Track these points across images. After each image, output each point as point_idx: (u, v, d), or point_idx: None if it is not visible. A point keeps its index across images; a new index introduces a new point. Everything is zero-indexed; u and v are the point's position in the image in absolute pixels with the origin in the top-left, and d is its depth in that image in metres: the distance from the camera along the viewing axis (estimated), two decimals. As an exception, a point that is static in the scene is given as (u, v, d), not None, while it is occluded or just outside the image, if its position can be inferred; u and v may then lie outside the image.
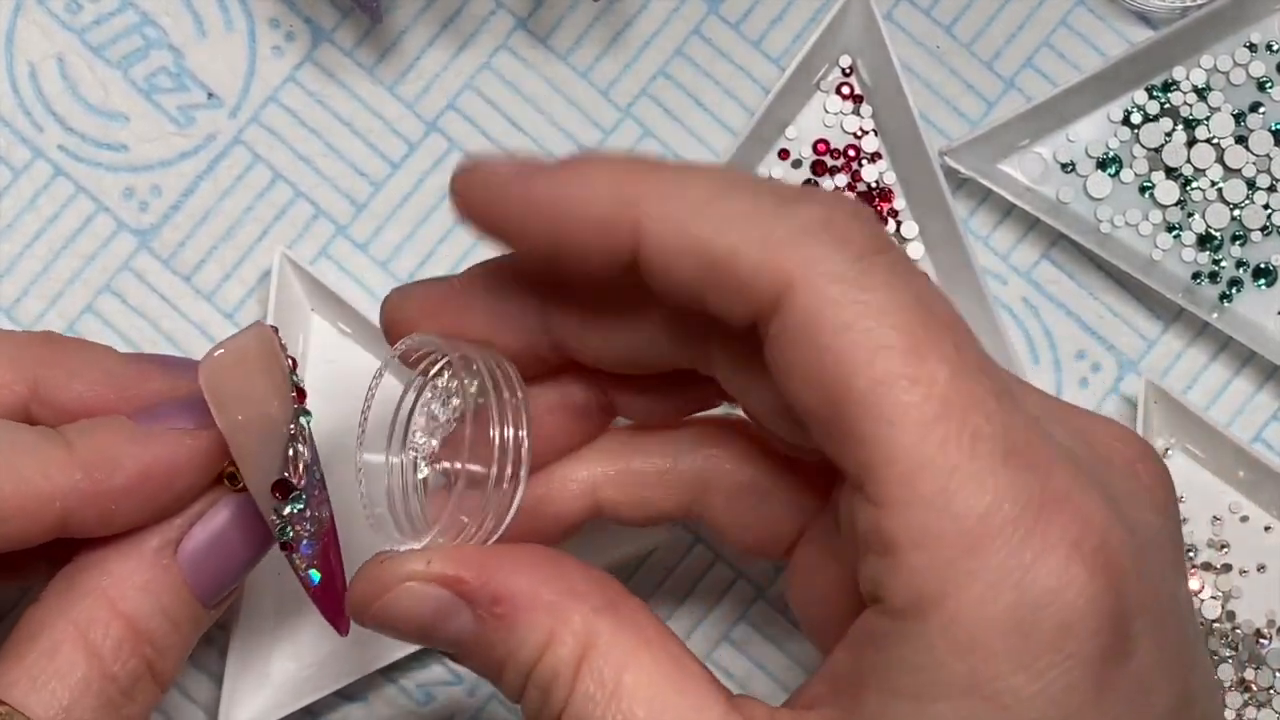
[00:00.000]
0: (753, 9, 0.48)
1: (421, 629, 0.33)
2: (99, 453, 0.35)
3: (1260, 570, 0.47)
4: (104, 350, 0.38)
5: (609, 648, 0.31)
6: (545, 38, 0.48)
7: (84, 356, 0.37)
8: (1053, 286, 0.48)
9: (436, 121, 0.48)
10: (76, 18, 0.47)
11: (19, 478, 0.34)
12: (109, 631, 0.35)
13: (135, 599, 0.35)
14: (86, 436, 0.35)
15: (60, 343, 0.37)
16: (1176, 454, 0.47)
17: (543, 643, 0.32)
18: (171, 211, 0.47)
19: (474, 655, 0.33)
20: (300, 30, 0.48)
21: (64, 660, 0.34)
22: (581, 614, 0.32)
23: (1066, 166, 0.48)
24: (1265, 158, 0.47)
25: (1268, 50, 0.48)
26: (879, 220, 0.30)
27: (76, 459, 0.34)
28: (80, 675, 0.34)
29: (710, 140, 0.48)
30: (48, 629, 0.35)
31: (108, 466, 0.34)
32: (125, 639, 0.35)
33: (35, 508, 0.34)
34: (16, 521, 0.34)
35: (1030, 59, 0.48)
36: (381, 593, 0.33)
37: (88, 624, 0.35)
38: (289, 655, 0.45)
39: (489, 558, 0.33)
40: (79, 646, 0.34)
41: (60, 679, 0.34)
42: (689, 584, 0.47)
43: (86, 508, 0.34)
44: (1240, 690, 0.46)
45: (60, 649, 0.34)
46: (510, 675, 0.32)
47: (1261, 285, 0.47)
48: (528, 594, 0.32)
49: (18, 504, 0.33)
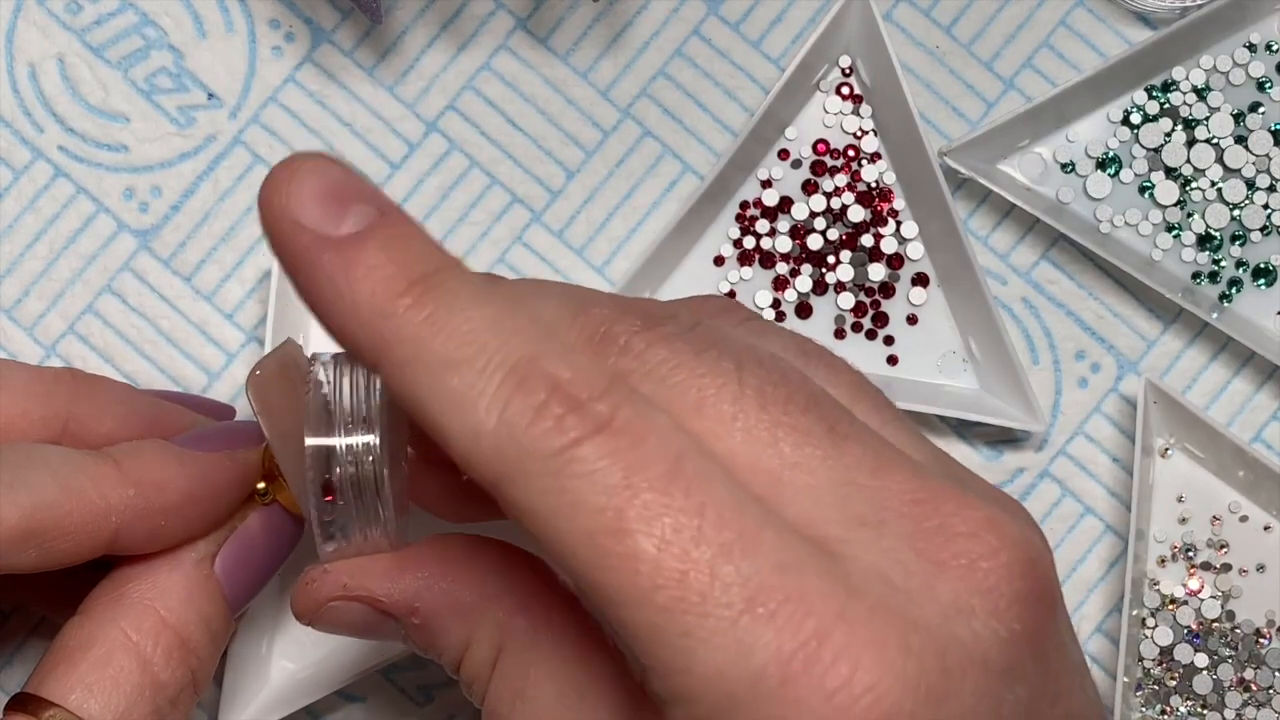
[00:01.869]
0: (753, 9, 0.48)
1: (366, 634, 0.34)
2: (149, 472, 0.36)
3: (1260, 570, 0.47)
4: (126, 387, 0.40)
5: (518, 650, 0.32)
6: (545, 38, 0.48)
7: (112, 394, 0.39)
8: (1053, 286, 0.48)
9: (436, 122, 0.48)
10: (76, 18, 0.48)
11: (78, 496, 0.35)
12: (159, 641, 0.36)
13: (181, 610, 0.36)
14: (134, 458, 0.36)
15: (86, 380, 0.39)
16: (1176, 454, 0.47)
17: (460, 647, 0.32)
18: (172, 212, 0.47)
19: (415, 650, 0.34)
20: (300, 31, 0.48)
21: (117, 668, 0.35)
22: (494, 618, 0.32)
23: (1066, 166, 0.48)
24: (1265, 158, 0.47)
25: (1267, 50, 0.48)
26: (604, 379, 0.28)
27: (128, 478, 0.36)
28: (135, 683, 0.35)
29: (710, 140, 0.48)
30: (100, 638, 0.36)
31: (158, 485, 0.36)
32: (174, 648, 0.36)
33: (94, 525, 0.35)
34: (75, 537, 0.35)
35: (1030, 59, 0.48)
36: (314, 611, 0.34)
37: (138, 633, 0.36)
38: (288, 655, 0.45)
39: (399, 568, 0.33)
40: (132, 654, 0.36)
41: (115, 686, 0.35)
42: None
43: (138, 524, 0.36)
44: (1240, 690, 0.46)
45: (113, 657, 0.35)
46: (446, 667, 0.33)
47: (1261, 285, 0.47)
48: (441, 603, 0.33)
49: (79, 520, 0.35)
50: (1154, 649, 0.46)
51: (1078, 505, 0.48)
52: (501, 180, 0.48)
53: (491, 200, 0.48)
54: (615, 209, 0.48)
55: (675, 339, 0.29)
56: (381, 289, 0.28)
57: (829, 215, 0.47)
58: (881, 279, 0.47)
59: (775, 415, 0.28)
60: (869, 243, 0.47)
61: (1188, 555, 0.47)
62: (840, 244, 0.47)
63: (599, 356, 0.29)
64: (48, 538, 0.34)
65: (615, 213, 0.48)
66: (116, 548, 0.36)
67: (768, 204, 0.48)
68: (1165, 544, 0.47)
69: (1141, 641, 0.46)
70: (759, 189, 0.48)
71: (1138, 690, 0.46)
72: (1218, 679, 0.46)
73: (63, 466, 0.35)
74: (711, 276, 0.48)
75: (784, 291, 0.47)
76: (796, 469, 0.28)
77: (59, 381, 0.38)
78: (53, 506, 0.35)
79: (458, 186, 0.48)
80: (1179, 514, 0.47)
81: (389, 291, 0.28)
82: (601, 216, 0.48)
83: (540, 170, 0.48)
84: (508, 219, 0.48)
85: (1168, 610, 0.46)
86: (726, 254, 0.48)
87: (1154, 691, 0.46)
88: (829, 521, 0.28)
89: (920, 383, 0.47)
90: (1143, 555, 0.46)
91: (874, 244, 0.47)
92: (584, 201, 0.48)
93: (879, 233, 0.47)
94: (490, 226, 0.48)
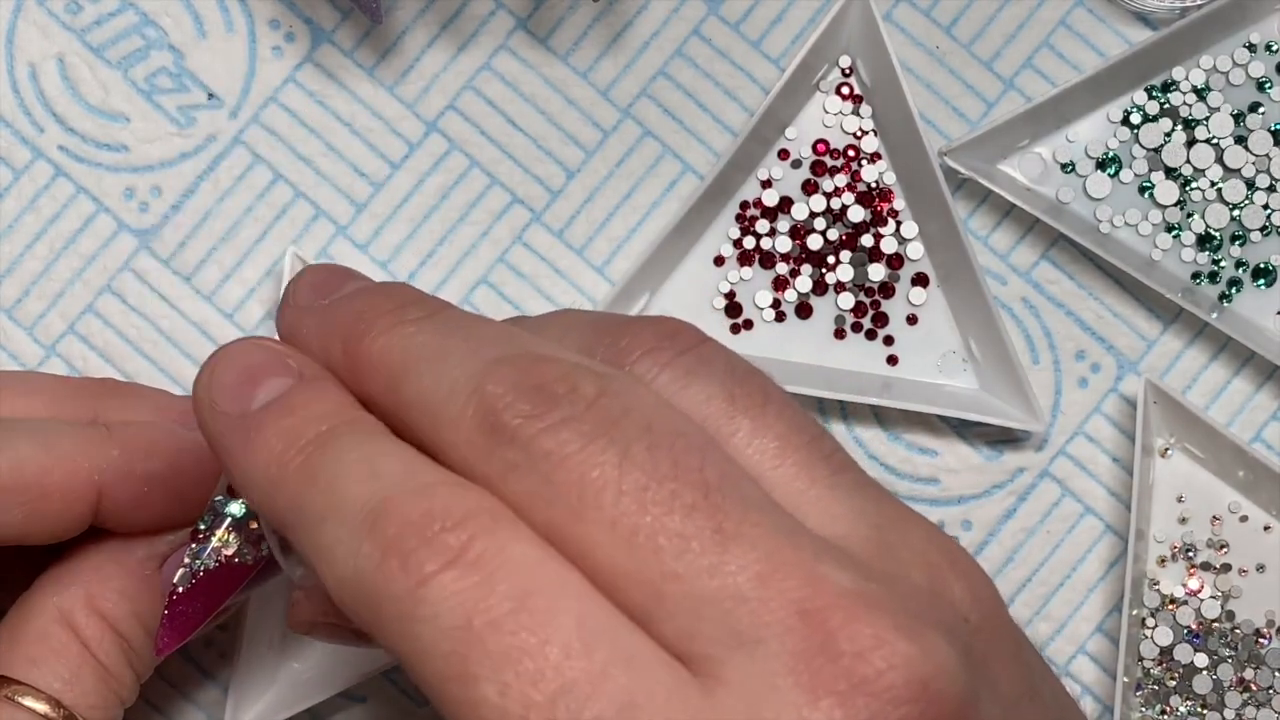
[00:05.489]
0: (753, 9, 0.48)
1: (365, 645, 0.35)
2: (137, 436, 0.37)
3: (1260, 570, 0.47)
4: (159, 391, 0.41)
5: None
6: (545, 38, 0.48)
7: (142, 395, 0.40)
8: (1053, 286, 0.48)
9: (436, 122, 0.48)
10: (76, 18, 0.48)
11: (60, 454, 0.36)
12: (90, 621, 0.37)
13: (113, 600, 0.37)
14: (125, 425, 0.38)
15: (119, 387, 0.40)
16: (1176, 454, 0.47)
17: None
18: (172, 212, 0.47)
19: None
20: (300, 31, 0.48)
21: (56, 641, 0.36)
22: None
23: (1066, 166, 0.48)
24: (1265, 158, 0.47)
25: (1267, 50, 0.48)
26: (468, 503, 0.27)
27: (115, 439, 0.37)
28: (75, 654, 0.36)
29: (710, 140, 0.48)
30: (37, 614, 0.37)
31: (145, 449, 0.37)
32: (106, 631, 0.37)
33: (77, 483, 0.36)
34: (60, 497, 0.36)
35: (1030, 59, 0.48)
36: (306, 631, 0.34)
37: (71, 612, 0.37)
38: (294, 656, 0.45)
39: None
40: (67, 629, 0.37)
41: (57, 657, 0.36)
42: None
43: (121, 487, 0.36)
44: (1240, 690, 0.46)
45: (51, 631, 0.37)
46: None
47: (1261, 285, 0.47)
48: None
49: (61, 478, 0.36)
50: (1154, 649, 0.46)
51: (1078, 505, 0.48)
52: (501, 180, 0.48)
53: (491, 200, 0.48)
54: (615, 209, 0.48)
55: (565, 426, 0.27)
56: (275, 459, 0.29)
57: (829, 215, 0.47)
58: (881, 279, 0.47)
59: (657, 519, 0.26)
60: (869, 243, 0.47)
61: (1188, 555, 0.47)
62: (840, 244, 0.47)
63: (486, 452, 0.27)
64: (30, 495, 0.36)
65: (615, 213, 0.48)
66: (103, 516, 0.37)
67: (768, 204, 0.48)
68: (1165, 544, 0.47)
69: (1141, 641, 0.46)
70: (759, 189, 0.48)
71: (1138, 690, 0.46)
72: (1217, 679, 0.46)
73: (46, 429, 0.37)
74: (711, 276, 0.48)
75: (784, 292, 0.47)
76: (676, 580, 0.26)
77: (89, 386, 0.40)
78: (32, 462, 0.36)
79: (458, 186, 0.48)
80: (1179, 514, 0.47)
81: (282, 460, 0.29)
82: (601, 216, 0.48)
83: (540, 170, 0.48)
84: (508, 219, 0.48)
85: (1168, 610, 0.46)
86: (726, 254, 0.48)
87: (1154, 691, 0.46)
88: (707, 639, 0.26)
89: (920, 383, 0.47)
90: (1143, 555, 0.46)
91: (874, 244, 0.47)
92: (584, 201, 0.48)
93: (879, 233, 0.47)
94: (490, 226, 0.48)
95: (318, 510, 0.28)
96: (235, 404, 0.30)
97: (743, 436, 0.29)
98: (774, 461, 0.28)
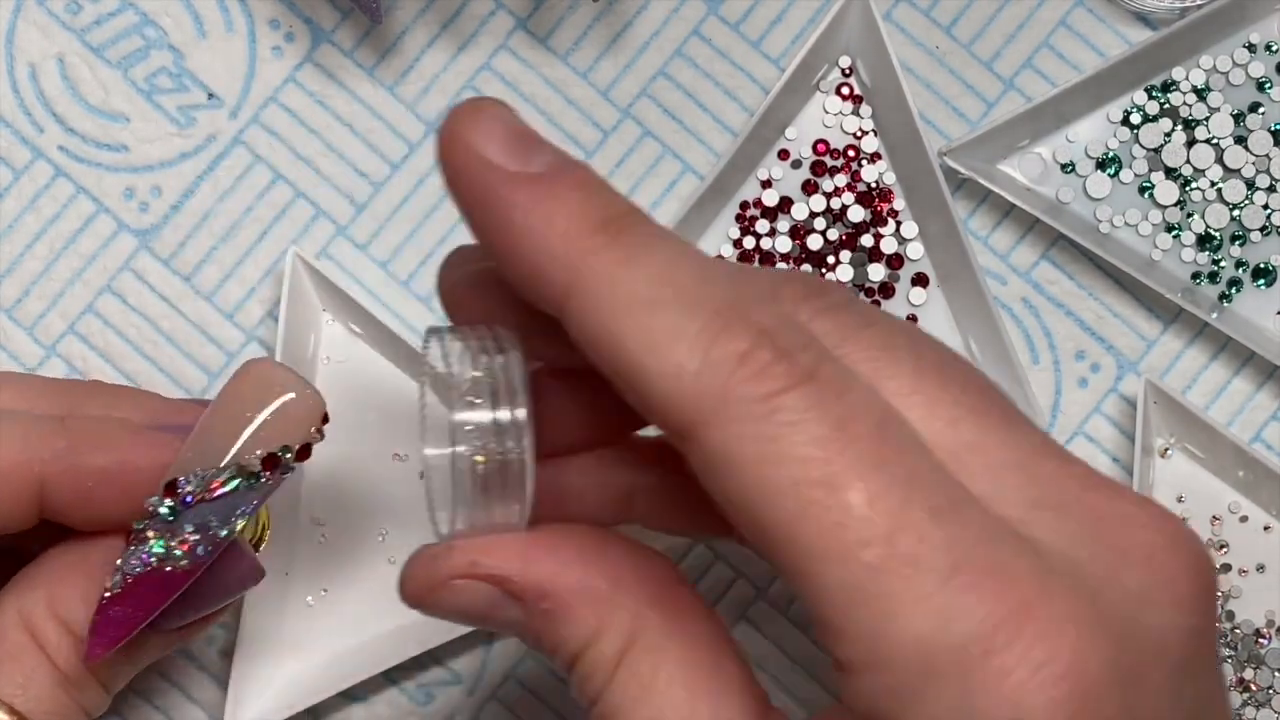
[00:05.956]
0: (753, 9, 0.48)
1: (476, 620, 0.32)
2: (88, 430, 0.35)
3: (1259, 570, 0.47)
4: (145, 393, 0.38)
5: (649, 646, 0.31)
6: (545, 38, 0.48)
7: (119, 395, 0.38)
8: (1053, 286, 0.48)
9: (436, 122, 0.48)
10: (76, 18, 0.48)
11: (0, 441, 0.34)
12: (49, 627, 0.35)
13: (74, 607, 0.35)
14: (82, 419, 0.36)
15: (103, 388, 0.38)
16: (1176, 454, 0.47)
17: (588, 638, 0.31)
18: (172, 212, 0.47)
19: (526, 639, 0.32)
20: (300, 31, 0.48)
21: (13, 645, 0.35)
22: (628, 609, 0.31)
23: (1066, 167, 0.48)
24: (1265, 158, 0.47)
25: (1267, 50, 0.48)
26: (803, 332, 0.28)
27: (65, 431, 0.35)
28: (31, 659, 0.35)
29: (710, 140, 0.48)
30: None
31: (95, 443, 0.35)
32: (64, 636, 0.35)
33: (16, 473, 0.34)
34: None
35: (1030, 59, 0.48)
36: (433, 589, 0.32)
37: (31, 616, 0.35)
38: (294, 657, 0.45)
39: (534, 549, 0.31)
40: (25, 633, 0.35)
41: (13, 661, 0.35)
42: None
43: (65, 481, 0.35)
44: (1240, 690, 0.46)
45: (9, 635, 0.35)
46: (559, 660, 0.32)
47: (1261, 285, 0.47)
48: (574, 589, 0.31)
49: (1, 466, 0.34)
50: (1154, 649, 0.46)
51: (1077, 505, 0.48)
52: (501, 180, 0.48)
53: (491, 200, 0.48)
54: (615, 209, 0.48)
55: (839, 311, 0.28)
56: (576, 226, 0.28)
57: (829, 215, 0.47)
58: (881, 279, 0.47)
59: (955, 394, 0.28)
60: (869, 243, 0.47)
61: (1187, 555, 0.47)
62: (840, 244, 0.47)
63: None
64: None
65: (615, 213, 0.48)
66: (49, 509, 0.35)
67: (768, 204, 0.48)
68: (1165, 544, 0.47)
69: (1141, 641, 0.46)
70: (759, 189, 0.48)
71: (1137, 690, 0.46)
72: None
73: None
74: (711, 276, 0.48)
75: (784, 291, 0.47)
76: (974, 450, 0.28)
77: (65, 383, 0.38)
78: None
79: (458, 186, 0.48)
80: (1179, 514, 0.47)
81: (583, 230, 0.28)
82: (601, 216, 0.48)
83: (540, 170, 0.48)
84: (508, 219, 0.48)
85: (1167, 610, 0.46)
86: (726, 254, 0.48)
87: (1154, 691, 0.46)
88: (1010, 503, 0.27)
89: (920, 383, 0.47)
90: (1142, 555, 0.46)
91: (874, 244, 0.47)
92: (584, 201, 0.48)
93: (879, 233, 0.47)
94: (490, 226, 0.48)
95: (643, 294, 0.27)
96: (513, 160, 0.28)
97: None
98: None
